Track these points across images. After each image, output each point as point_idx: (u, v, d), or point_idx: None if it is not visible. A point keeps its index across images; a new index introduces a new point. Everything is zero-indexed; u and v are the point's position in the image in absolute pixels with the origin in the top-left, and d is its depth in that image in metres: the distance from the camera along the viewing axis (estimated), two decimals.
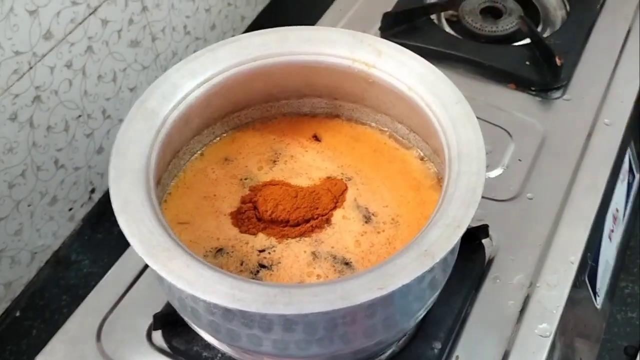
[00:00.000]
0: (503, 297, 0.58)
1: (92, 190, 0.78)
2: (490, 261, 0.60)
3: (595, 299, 0.67)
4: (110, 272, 0.62)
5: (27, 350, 0.70)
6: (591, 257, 0.63)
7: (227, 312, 0.41)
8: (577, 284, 0.60)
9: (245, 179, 0.54)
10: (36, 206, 0.70)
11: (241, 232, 0.50)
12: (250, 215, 0.51)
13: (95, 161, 0.76)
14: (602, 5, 0.84)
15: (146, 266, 0.62)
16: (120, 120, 0.77)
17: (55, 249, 0.75)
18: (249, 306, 0.37)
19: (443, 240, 0.39)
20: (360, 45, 0.51)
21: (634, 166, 0.76)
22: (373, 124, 0.57)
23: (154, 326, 0.56)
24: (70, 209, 0.75)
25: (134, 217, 0.41)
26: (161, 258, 0.39)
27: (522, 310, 0.57)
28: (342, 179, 0.54)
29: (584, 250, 0.61)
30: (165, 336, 0.56)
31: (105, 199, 0.78)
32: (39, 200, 0.70)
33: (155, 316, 0.55)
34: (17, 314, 0.71)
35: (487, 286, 0.59)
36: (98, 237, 0.77)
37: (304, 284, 0.46)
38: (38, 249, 0.73)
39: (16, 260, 0.70)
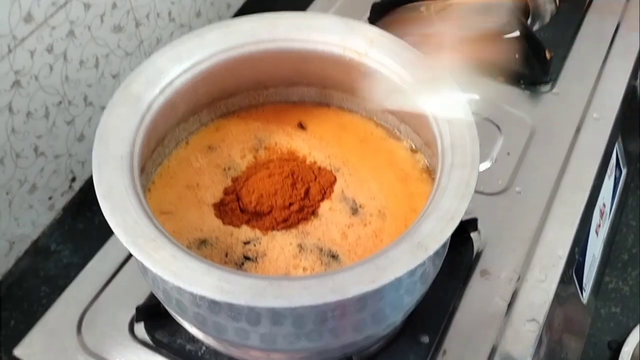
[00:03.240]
0: (491, 291, 0.57)
1: (73, 179, 0.76)
2: (479, 255, 0.60)
3: (582, 294, 0.67)
4: (91, 262, 0.60)
5: (5, 342, 0.68)
6: (578, 252, 0.63)
7: (214, 305, 0.40)
8: (564, 279, 0.59)
9: (229, 169, 0.53)
10: (15, 194, 0.68)
11: (224, 224, 0.49)
12: (234, 207, 0.50)
13: (76, 149, 0.75)
14: (591, 0, 0.83)
15: (129, 257, 0.61)
16: (103, 108, 0.76)
17: (34, 238, 0.74)
18: (238, 299, 0.36)
19: (436, 232, 0.39)
20: (351, 33, 0.50)
21: (621, 161, 0.76)
22: (363, 114, 0.56)
23: (136, 318, 0.55)
24: (50, 198, 0.74)
25: (119, 205, 0.40)
26: (146, 249, 0.38)
27: (510, 305, 0.57)
28: (330, 169, 0.53)
29: (572, 245, 0.61)
30: (148, 328, 0.55)
31: (86, 187, 0.78)
32: (17, 189, 0.68)
33: (138, 308, 0.54)
34: None
35: (475, 280, 0.58)
36: (78, 227, 0.75)
37: (293, 277, 0.45)
38: (16, 238, 0.71)
39: None
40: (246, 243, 0.48)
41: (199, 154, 0.53)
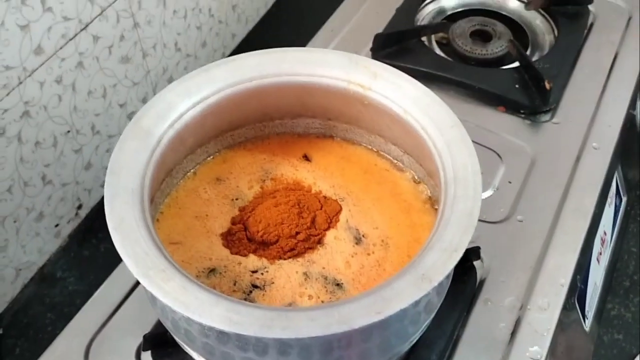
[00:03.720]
0: (494, 320, 0.58)
1: (79, 207, 0.77)
2: (481, 283, 0.60)
3: (584, 321, 0.67)
4: (98, 290, 0.61)
5: None
6: (580, 280, 0.63)
7: (222, 335, 0.41)
8: (567, 306, 0.60)
9: (236, 199, 0.54)
10: (22, 222, 0.69)
11: (232, 253, 0.50)
12: (241, 237, 0.51)
13: (83, 177, 0.75)
14: (589, 31, 0.85)
15: (135, 285, 0.61)
16: (110, 136, 0.77)
17: (40, 265, 0.74)
18: (246, 330, 0.36)
19: (440, 264, 0.39)
20: (356, 67, 0.51)
21: (620, 189, 0.77)
22: (366, 145, 0.57)
23: (143, 347, 0.55)
24: (57, 225, 0.74)
25: (129, 237, 0.40)
26: (157, 280, 0.38)
27: (514, 333, 0.57)
28: (335, 199, 0.54)
29: (574, 273, 0.61)
30: (155, 357, 0.55)
31: (92, 215, 0.79)
32: (25, 216, 0.69)
33: (145, 337, 0.54)
34: (0, 331, 0.70)
35: (479, 308, 0.59)
36: (84, 254, 0.76)
37: (300, 307, 0.45)
38: (23, 265, 0.72)
39: (0, 277, 0.69)
40: (254, 272, 0.49)
41: (207, 186, 0.54)
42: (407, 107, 0.49)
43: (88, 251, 0.76)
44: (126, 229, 0.41)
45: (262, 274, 0.49)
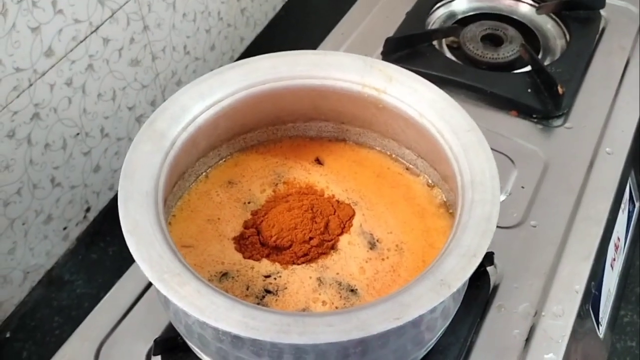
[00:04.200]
0: (508, 326, 0.57)
1: (88, 209, 0.77)
2: (495, 289, 0.60)
3: (598, 328, 0.66)
4: (108, 294, 0.60)
5: None
6: (595, 287, 0.62)
7: (237, 340, 0.40)
8: (581, 313, 0.59)
9: (249, 203, 0.53)
10: (31, 225, 0.69)
11: (245, 258, 0.49)
12: (254, 241, 0.50)
13: (92, 180, 0.75)
14: (600, 36, 0.84)
15: (145, 289, 0.61)
16: (119, 139, 0.77)
17: (48, 268, 0.74)
18: (263, 335, 0.36)
19: (458, 270, 0.39)
20: (370, 71, 0.51)
21: (634, 195, 0.76)
22: (379, 149, 0.57)
23: (154, 351, 0.54)
24: (65, 228, 0.74)
25: (144, 240, 0.40)
26: (172, 283, 0.38)
27: (528, 340, 0.57)
28: (349, 203, 0.54)
29: (588, 280, 0.61)
30: None
31: (101, 218, 0.78)
32: (33, 219, 0.69)
33: (156, 341, 0.53)
34: (8, 335, 0.69)
35: (492, 315, 0.58)
36: (92, 257, 0.76)
37: (317, 313, 0.45)
38: (31, 268, 0.71)
39: (8, 280, 0.68)
40: (267, 277, 0.48)
41: (219, 189, 0.54)
42: (423, 111, 0.49)
43: (96, 254, 0.76)
44: (141, 232, 0.40)
45: (275, 278, 0.48)
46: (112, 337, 0.57)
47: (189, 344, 0.46)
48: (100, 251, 0.76)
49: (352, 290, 0.48)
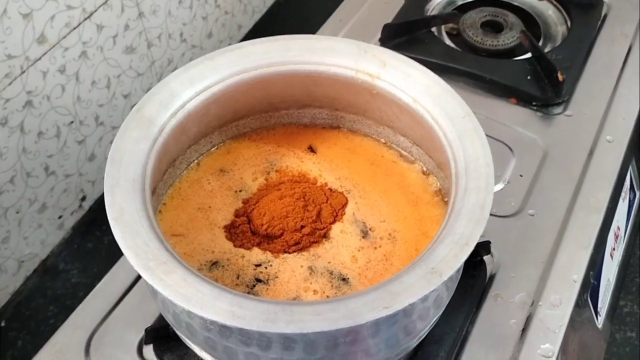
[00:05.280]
0: (504, 316, 0.57)
1: (83, 198, 0.76)
2: (491, 278, 0.59)
3: (597, 318, 0.65)
4: (100, 283, 0.60)
5: None
6: (593, 276, 0.62)
7: (224, 329, 0.40)
8: (579, 303, 0.58)
9: (240, 191, 0.53)
10: (25, 213, 0.68)
11: (235, 246, 0.49)
12: (245, 230, 0.50)
13: (87, 168, 0.75)
14: (602, 22, 0.83)
15: (137, 278, 0.60)
16: (114, 127, 0.76)
17: (43, 257, 0.73)
18: (249, 324, 0.35)
19: (451, 258, 0.38)
20: (364, 56, 0.50)
21: (635, 184, 0.75)
22: (374, 136, 0.56)
23: (145, 340, 0.54)
24: (60, 217, 0.74)
25: (130, 228, 0.39)
26: (157, 272, 0.37)
27: (524, 330, 0.56)
28: (342, 191, 0.53)
29: (587, 269, 0.60)
30: (157, 351, 0.54)
31: (96, 207, 0.78)
32: (27, 208, 0.68)
33: (147, 330, 0.53)
34: (2, 324, 0.69)
35: (488, 304, 0.57)
36: (87, 246, 0.75)
37: (305, 302, 0.44)
38: (25, 257, 0.71)
39: (2, 269, 0.68)
40: (257, 265, 0.48)
41: (211, 177, 0.53)
42: (417, 97, 0.48)
43: (91, 243, 0.75)
44: (127, 220, 0.40)
45: (266, 267, 0.47)
46: (104, 326, 0.57)
47: (178, 333, 0.46)
48: (95, 240, 0.75)
49: (343, 279, 0.47)
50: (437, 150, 0.48)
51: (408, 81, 0.49)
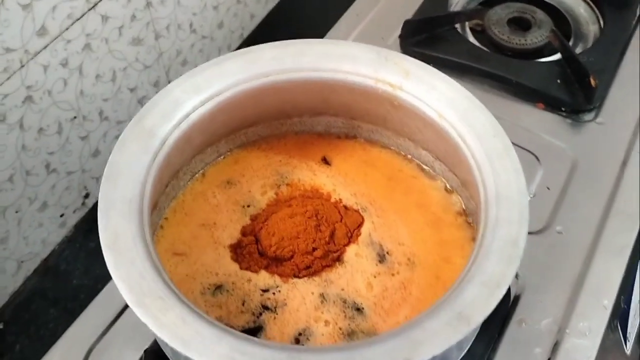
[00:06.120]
0: (529, 343, 0.53)
1: (86, 195, 0.73)
2: (516, 301, 0.55)
3: (626, 344, 0.62)
4: (97, 297, 0.57)
5: None
6: (624, 300, 0.58)
7: None
8: (609, 329, 0.55)
9: (248, 206, 0.49)
10: (24, 212, 0.66)
11: (242, 269, 0.45)
12: (252, 250, 0.46)
13: (91, 165, 0.72)
14: (638, 21, 0.78)
15: None
16: (119, 122, 0.73)
17: (43, 257, 0.71)
18: None
19: (480, 302, 0.34)
20: (385, 64, 0.46)
21: None
22: (393, 147, 0.52)
23: None
24: (62, 215, 0.71)
25: (124, 256, 0.36)
26: (153, 309, 0.34)
27: (551, 358, 0.52)
28: (357, 209, 0.49)
29: (618, 293, 0.56)
30: None
31: None
32: (27, 206, 0.66)
33: (147, 351, 0.50)
34: (1, 326, 0.67)
35: (512, 330, 0.54)
36: (90, 246, 0.73)
37: (315, 348, 0.41)
38: (25, 257, 0.69)
39: (1, 269, 0.66)
40: (265, 291, 0.44)
41: (217, 189, 0.49)
42: (443, 111, 0.44)
43: (94, 242, 0.71)
44: (121, 247, 0.36)
45: (273, 293, 0.44)
46: (101, 343, 0.55)
47: None
48: (98, 239, 0.72)
49: (358, 309, 0.43)
50: (462, 167, 0.45)
51: (433, 93, 0.45)
